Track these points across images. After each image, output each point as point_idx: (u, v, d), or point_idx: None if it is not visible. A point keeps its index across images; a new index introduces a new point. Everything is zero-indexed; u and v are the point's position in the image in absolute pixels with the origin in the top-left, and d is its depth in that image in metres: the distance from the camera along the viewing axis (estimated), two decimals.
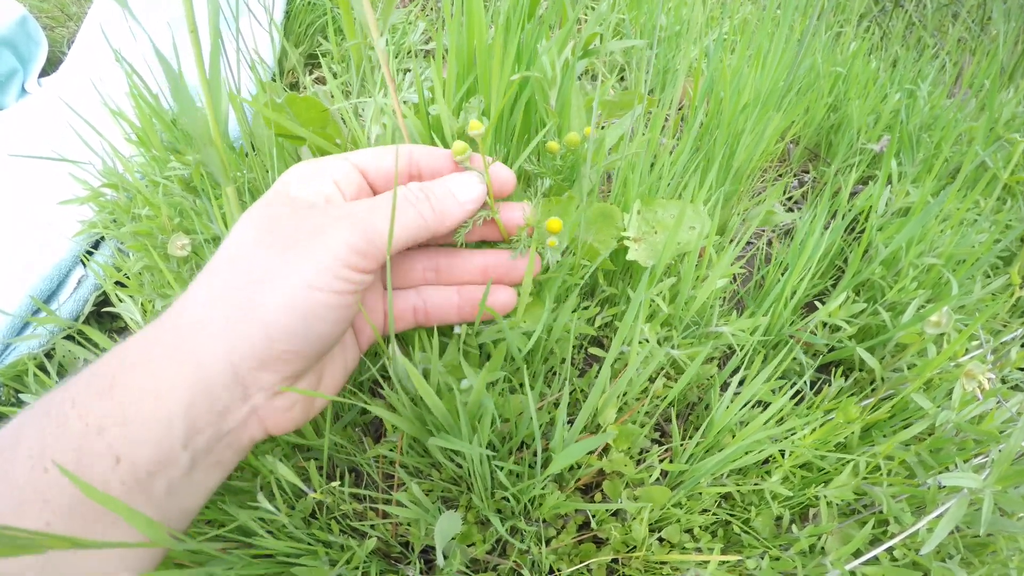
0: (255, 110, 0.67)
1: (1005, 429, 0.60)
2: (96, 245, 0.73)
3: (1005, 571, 0.59)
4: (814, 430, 0.53)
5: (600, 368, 0.54)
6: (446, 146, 0.65)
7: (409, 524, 0.59)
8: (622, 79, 0.98)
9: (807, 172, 0.88)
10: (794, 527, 0.54)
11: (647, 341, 0.58)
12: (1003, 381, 0.66)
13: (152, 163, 0.70)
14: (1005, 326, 0.67)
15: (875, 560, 0.55)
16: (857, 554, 0.55)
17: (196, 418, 0.35)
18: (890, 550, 0.57)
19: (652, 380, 0.64)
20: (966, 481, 0.51)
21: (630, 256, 0.59)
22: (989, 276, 0.73)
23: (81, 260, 0.71)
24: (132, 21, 0.93)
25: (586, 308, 0.66)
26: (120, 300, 0.69)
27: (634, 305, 0.44)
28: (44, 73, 1.07)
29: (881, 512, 0.58)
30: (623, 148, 0.63)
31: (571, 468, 0.60)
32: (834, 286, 0.76)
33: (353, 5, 0.50)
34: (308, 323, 0.36)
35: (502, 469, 0.52)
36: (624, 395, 0.60)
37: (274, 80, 0.96)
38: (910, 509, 0.59)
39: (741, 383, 0.66)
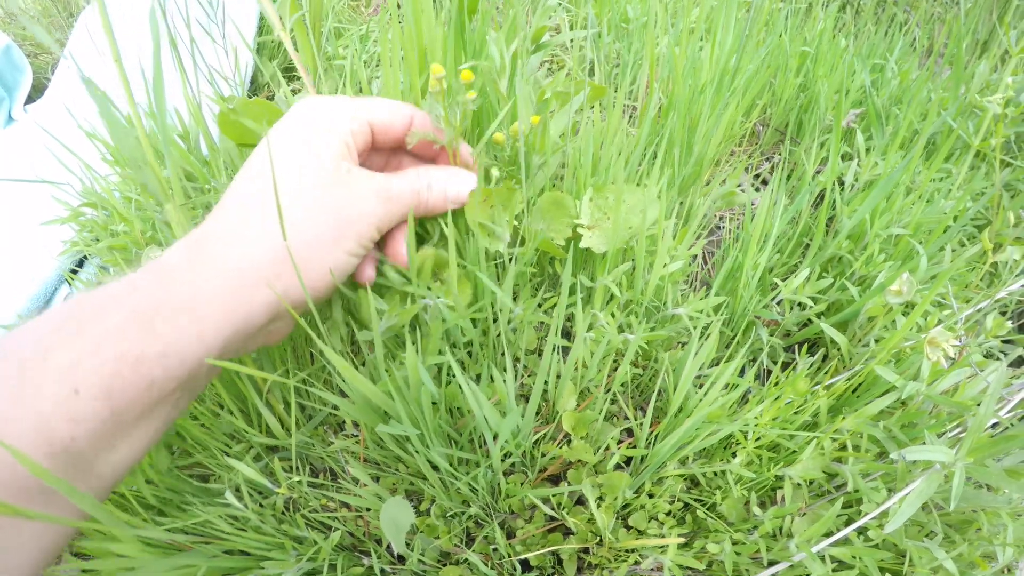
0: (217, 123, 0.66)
1: (981, 400, 0.55)
2: (81, 264, 0.73)
3: (990, 548, 0.54)
4: (773, 406, 0.50)
5: (555, 353, 0.52)
6: None
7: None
8: (591, 72, 0.95)
9: (778, 154, 0.84)
10: (757, 509, 0.50)
11: (604, 327, 0.56)
12: (982, 350, 0.61)
13: (128, 180, 0.70)
14: (981, 293, 0.62)
15: (847, 541, 0.51)
16: (829, 535, 0.51)
17: (229, 349, 0.39)
18: (864, 531, 0.53)
19: (615, 369, 0.61)
20: (936, 455, 0.47)
21: (583, 243, 0.57)
22: (964, 245, 0.68)
23: (66, 279, 0.71)
24: (105, 41, 0.93)
25: (548, 298, 0.63)
26: None
27: (564, 286, 0.41)
28: (30, 99, 1.07)
29: (853, 492, 0.54)
30: (571, 136, 0.60)
31: (533, 457, 0.57)
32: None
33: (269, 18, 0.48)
34: (341, 277, 0.42)
35: (451, 458, 0.50)
36: (580, 380, 0.58)
37: (253, 96, 0.95)
38: (885, 487, 0.54)
39: (714, 365, 0.63)
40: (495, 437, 0.48)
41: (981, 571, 0.54)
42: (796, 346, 0.63)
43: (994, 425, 0.60)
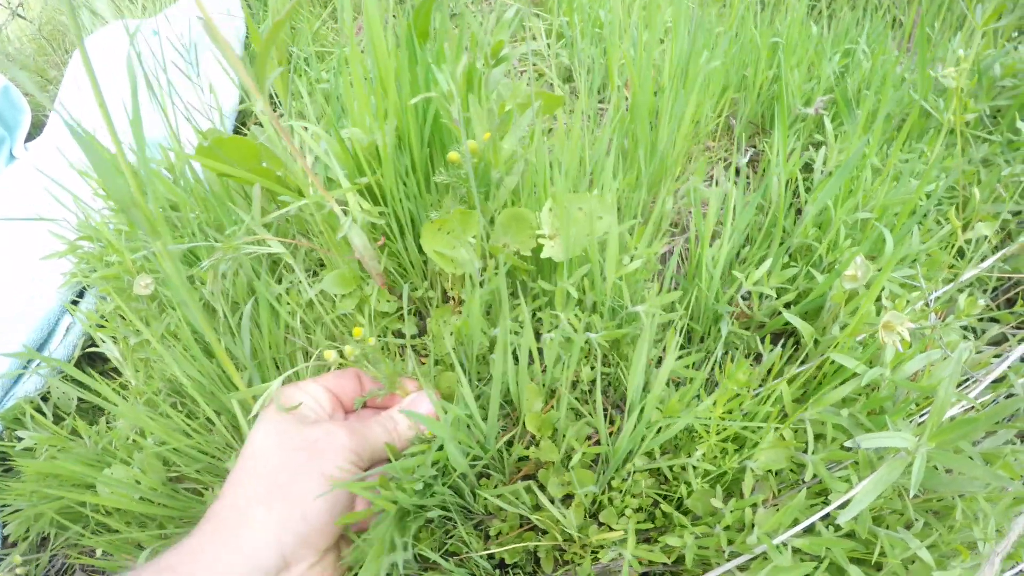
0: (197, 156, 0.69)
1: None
2: (82, 294, 0.77)
3: (970, 537, 0.53)
4: (727, 398, 0.50)
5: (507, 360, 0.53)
6: (359, 168, 0.66)
7: None
8: (569, 79, 0.96)
9: (754, 146, 0.83)
10: (718, 502, 0.50)
11: (565, 327, 0.56)
12: (957, 330, 0.60)
13: (118, 213, 0.73)
14: (956, 275, 0.61)
15: (816, 532, 0.51)
16: (796, 524, 0.50)
17: None
18: (834, 520, 0.52)
19: (579, 370, 0.62)
20: (896, 441, 0.47)
21: (545, 253, 0.58)
22: (940, 224, 0.66)
23: (68, 310, 0.75)
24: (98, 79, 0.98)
25: (516, 305, 0.64)
26: (103, 341, 0.73)
27: (504, 306, 0.42)
28: (30, 137, 1.12)
29: (823, 482, 0.54)
30: (529, 148, 0.61)
31: (504, 460, 0.58)
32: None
33: (233, 69, 0.51)
34: (331, 502, 0.45)
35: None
36: (547, 380, 0.58)
37: (244, 124, 0.99)
38: (857, 476, 0.54)
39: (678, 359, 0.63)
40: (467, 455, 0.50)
41: (962, 560, 0.52)
42: (761, 338, 0.62)
43: (970, 408, 0.58)
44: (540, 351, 0.61)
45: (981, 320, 0.66)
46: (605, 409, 0.63)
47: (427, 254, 0.57)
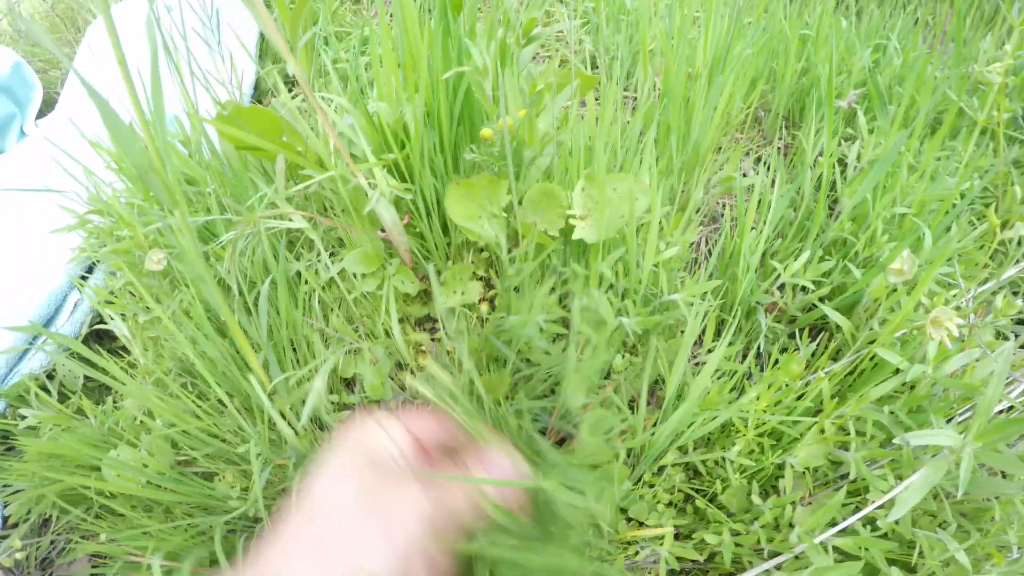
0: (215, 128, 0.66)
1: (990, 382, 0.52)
2: (91, 270, 0.74)
3: (1005, 540, 0.51)
4: (772, 391, 0.48)
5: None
6: (386, 143, 0.63)
7: None
8: (594, 66, 0.94)
9: (783, 139, 0.81)
10: (758, 499, 0.48)
11: (599, 309, 0.54)
12: (993, 330, 0.58)
13: (134, 186, 0.70)
14: (992, 273, 0.59)
15: (853, 531, 0.49)
16: (834, 524, 0.48)
17: None
18: (872, 520, 0.50)
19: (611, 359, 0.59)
20: (941, 439, 0.45)
21: (576, 234, 0.55)
22: (974, 224, 0.65)
23: (76, 285, 0.71)
24: (105, 53, 0.94)
25: (552, 290, 0.62)
26: (111, 318, 0.69)
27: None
28: (41, 114, 1.09)
29: (860, 480, 0.52)
30: (565, 127, 0.59)
31: None
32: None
33: (263, 29, 0.47)
34: (391, 570, 0.38)
35: None
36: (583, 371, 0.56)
37: (260, 101, 0.96)
38: (893, 474, 0.52)
39: (709, 352, 0.60)
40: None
41: (996, 563, 0.50)
42: (798, 332, 0.60)
43: (1008, 409, 0.57)
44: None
45: (1011, 321, 0.64)
46: (634, 400, 0.60)
47: (450, 218, 0.54)
